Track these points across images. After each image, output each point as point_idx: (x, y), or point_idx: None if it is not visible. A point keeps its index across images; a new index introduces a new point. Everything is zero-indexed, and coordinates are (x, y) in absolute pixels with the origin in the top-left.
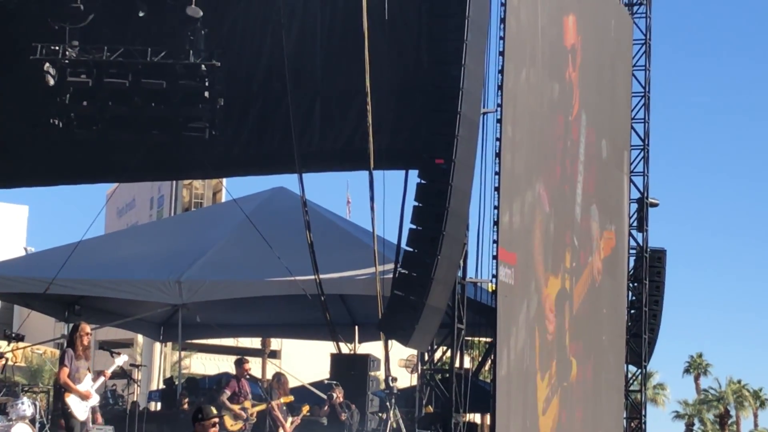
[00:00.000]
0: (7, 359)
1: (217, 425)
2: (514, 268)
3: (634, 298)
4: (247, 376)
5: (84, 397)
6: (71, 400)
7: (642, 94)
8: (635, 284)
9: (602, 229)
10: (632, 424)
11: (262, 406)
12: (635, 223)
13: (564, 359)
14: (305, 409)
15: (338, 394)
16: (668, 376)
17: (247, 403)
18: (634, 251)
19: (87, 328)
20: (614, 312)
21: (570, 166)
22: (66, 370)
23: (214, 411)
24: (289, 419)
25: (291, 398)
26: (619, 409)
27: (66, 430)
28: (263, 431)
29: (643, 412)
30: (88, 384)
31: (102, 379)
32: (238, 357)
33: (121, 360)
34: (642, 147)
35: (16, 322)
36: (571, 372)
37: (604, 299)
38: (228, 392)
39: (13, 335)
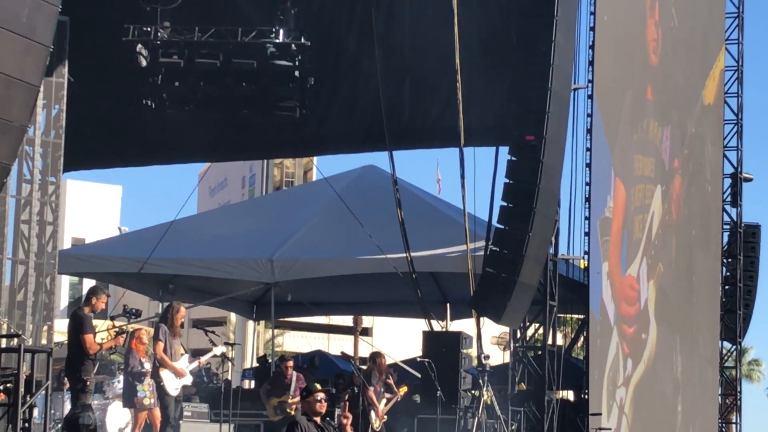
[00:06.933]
0: (127, 334)
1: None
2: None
3: (728, 273)
4: (291, 373)
5: (179, 374)
6: (165, 374)
7: (735, 68)
8: (729, 260)
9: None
10: (727, 401)
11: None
12: (729, 198)
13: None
14: (402, 390)
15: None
16: (763, 352)
17: (287, 398)
18: (728, 227)
19: (182, 309)
20: (708, 288)
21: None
22: (161, 344)
23: (318, 386)
24: (383, 400)
25: (405, 389)
26: (714, 385)
27: (161, 408)
28: (356, 412)
29: (738, 389)
30: (184, 363)
31: (196, 363)
32: (280, 355)
33: (219, 350)
34: (735, 121)
35: (111, 302)
36: (665, 349)
37: (698, 274)
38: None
39: (133, 311)
